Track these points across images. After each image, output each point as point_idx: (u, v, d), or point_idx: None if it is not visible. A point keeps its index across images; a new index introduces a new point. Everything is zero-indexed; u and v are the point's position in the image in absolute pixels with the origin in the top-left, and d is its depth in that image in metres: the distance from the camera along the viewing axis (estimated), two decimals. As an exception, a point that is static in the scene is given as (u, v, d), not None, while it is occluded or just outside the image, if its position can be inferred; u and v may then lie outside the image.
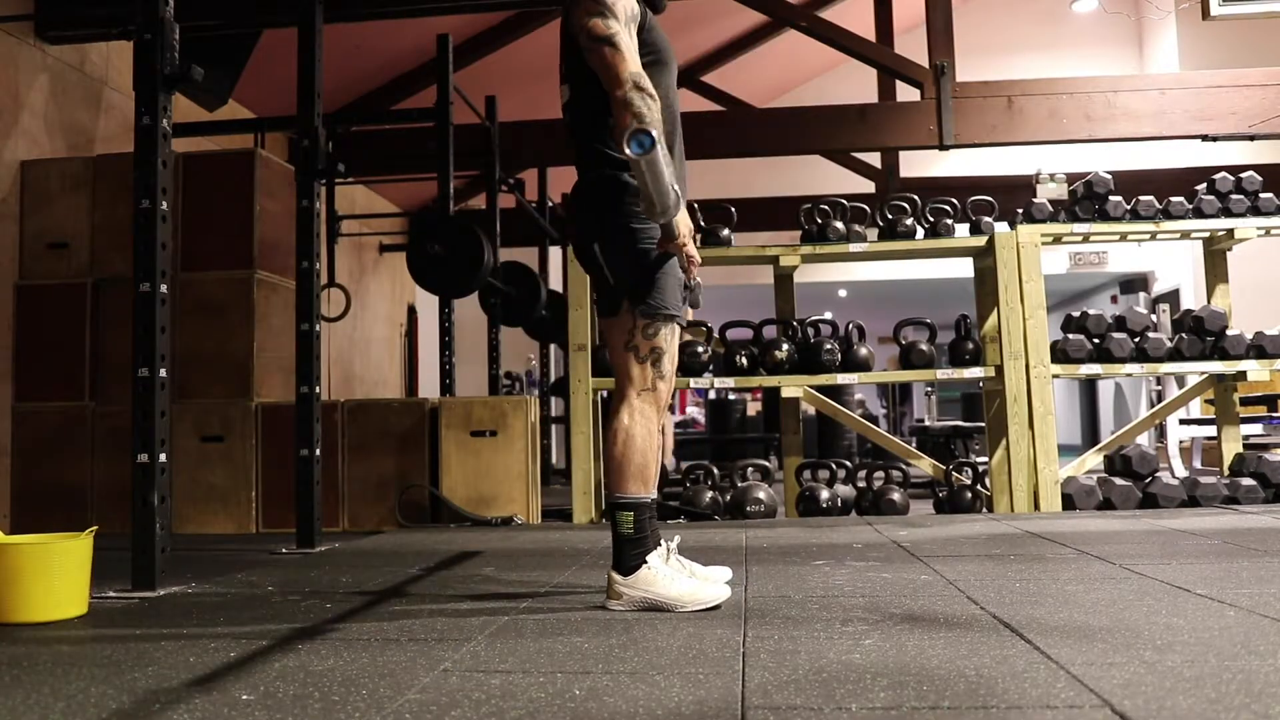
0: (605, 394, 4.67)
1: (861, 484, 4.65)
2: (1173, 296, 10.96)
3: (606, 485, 2.23)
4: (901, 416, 13.27)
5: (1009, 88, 5.61)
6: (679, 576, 2.18)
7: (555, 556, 3.09)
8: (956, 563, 2.75)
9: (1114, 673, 1.51)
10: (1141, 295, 11.73)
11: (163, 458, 2.62)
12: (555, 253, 8.19)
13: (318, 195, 3.66)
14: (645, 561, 2.14)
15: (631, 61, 2.11)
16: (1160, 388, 7.78)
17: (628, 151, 2.00)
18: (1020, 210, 4.73)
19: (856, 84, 8.83)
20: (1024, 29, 11.16)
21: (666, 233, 2.16)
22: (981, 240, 4.63)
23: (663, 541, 2.24)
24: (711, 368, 4.62)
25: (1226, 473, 4.59)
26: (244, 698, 1.50)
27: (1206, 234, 4.73)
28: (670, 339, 2.25)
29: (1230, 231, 4.61)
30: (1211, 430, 5.99)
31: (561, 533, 3.88)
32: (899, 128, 5.74)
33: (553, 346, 8.56)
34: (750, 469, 4.78)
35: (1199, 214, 4.64)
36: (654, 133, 2.00)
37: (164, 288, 2.67)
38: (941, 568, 2.66)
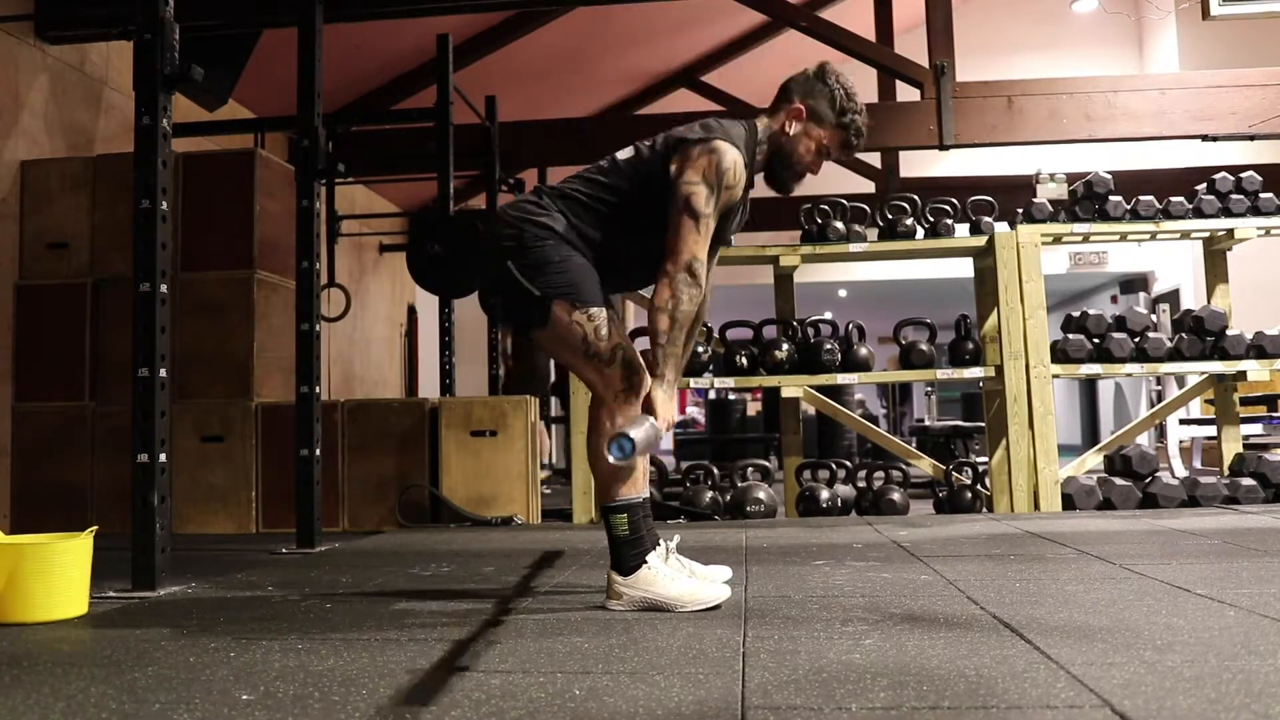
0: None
1: (861, 484, 4.65)
2: (1173, 296, 10.96)
3: (596, 492, 2.21)
4: (901, 416, 13.27)
5: (1009, 88, 5.61)
6: (679, 576, 2.18)
7: (555, 557, 3.09)
8: (956, 563, 2.75)
9: (1114, 673, 1.51)
10: (1141, 295, 11.73)
11: (163, 458, 2.62)
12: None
13: (318, 195, 3.66)
14: (645, 562, 2.14)
15: (701, 246, 2.15)
16: (1160, 388, 7.78)
17: (610, 458, 1.98)
18: (1020, 210, 4.73)
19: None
20: (1024, 29, 11.16)
21: None
22: (981, 240, 4.63)
23: (661, 541, 2.24)
24: (711, 368, 4.62)
25: (1226, 473, 4.59)
26: (244, 698, 1.50)
27: (1206, 234, 4.73)
28: (618, 328, 2.23)
29: (1230, 231, 4.61)
30: (1211, 430, 5.99)
31: (561, 533, 3.88)
32: (899, 128, 5.74)
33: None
34: (750, 469, 4.78)
35: (1199, 214, 4.64)
36: (632, 435, 1.96)
37: (164, 288, 2.66)
38: (941, 568, 2.66)
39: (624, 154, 2.31)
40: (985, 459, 4.81)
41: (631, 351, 2.22)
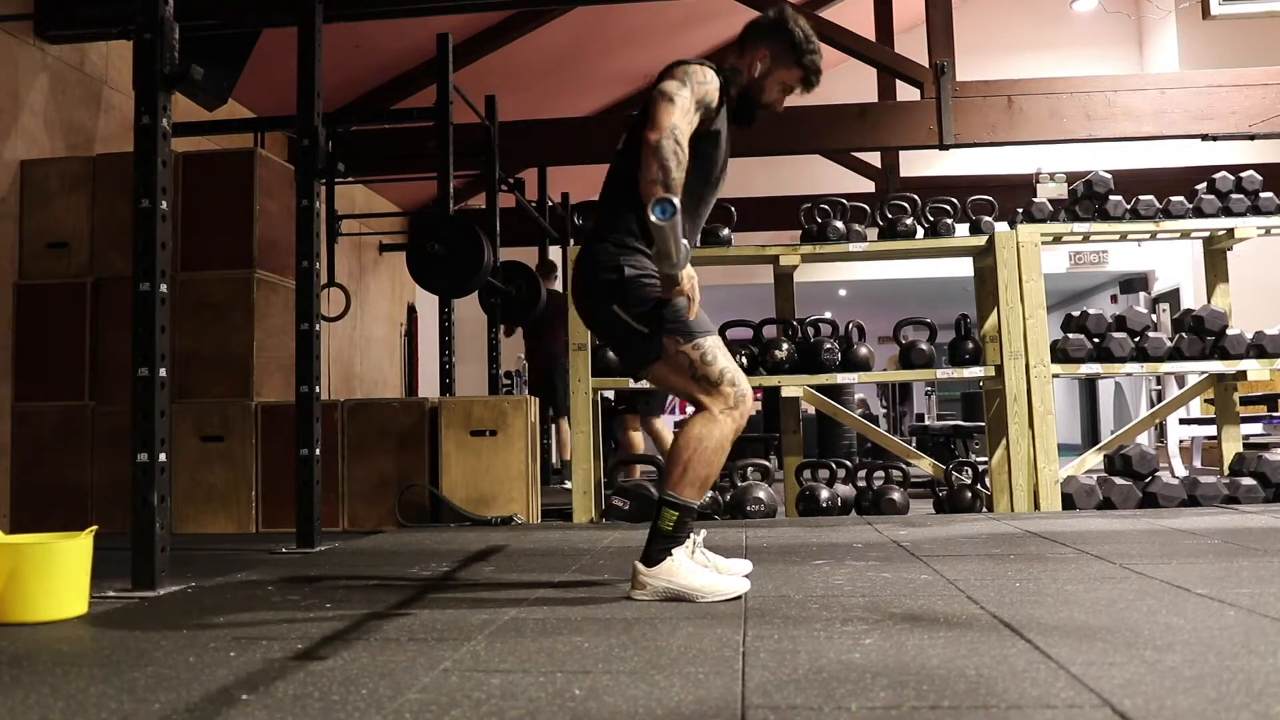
0: (605, 394, 4.64)
1: (861, 484, 4.65)
2: (1173, 296, 10.96)
3: (667, 478, 2.28)
4: (901, 416, 13.26)
5: (1009, 87, 5.61)
6: (700, 569, 2.27)
7: (555, 556, 3.09)
8: (956, 562, 2.75)
9: (1114, 672, 1.51)
10: (1141, 295, 11.73)
11: (163, 457, 2.62)
12: (555, 253, 8.20)
13: (317, 195, 3.66)
14: (670, 554, 2.24)
15: (678, 116, 2.20)
16: (1160, 387, 7.78)
17: (651, 217, 2.07)
18: (1020, 210, 4.73)
19: (856, 84, 8.83)
20: (1024, 29, 11.16)
21: (668, 282, 2.23)
22: (981, 240, 4.63)
23: (690, 535, 2.35)
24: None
25: (1226, 472, 4.59)
26: (244, 698, 1.50)
27: (1206, 233, 4.73)
28: (720, 350, 2.33)
29: (1230, 231, 4.60)
30: (1211, 430, 5.99)
31: (561, 532, 3.88)
32: (899, 127, 5.74)
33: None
34: (750, 469, 4.78)
35: (1199, 213, 4.64)
36: (675, 202, 2.07)
37: (164, 287, 2.66)
38: (941, 567, 2.66)
39: (620, 145, 2.41)
40: (985, 459, 4.81)
41: (737, 374, 2.33)
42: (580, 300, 2.41)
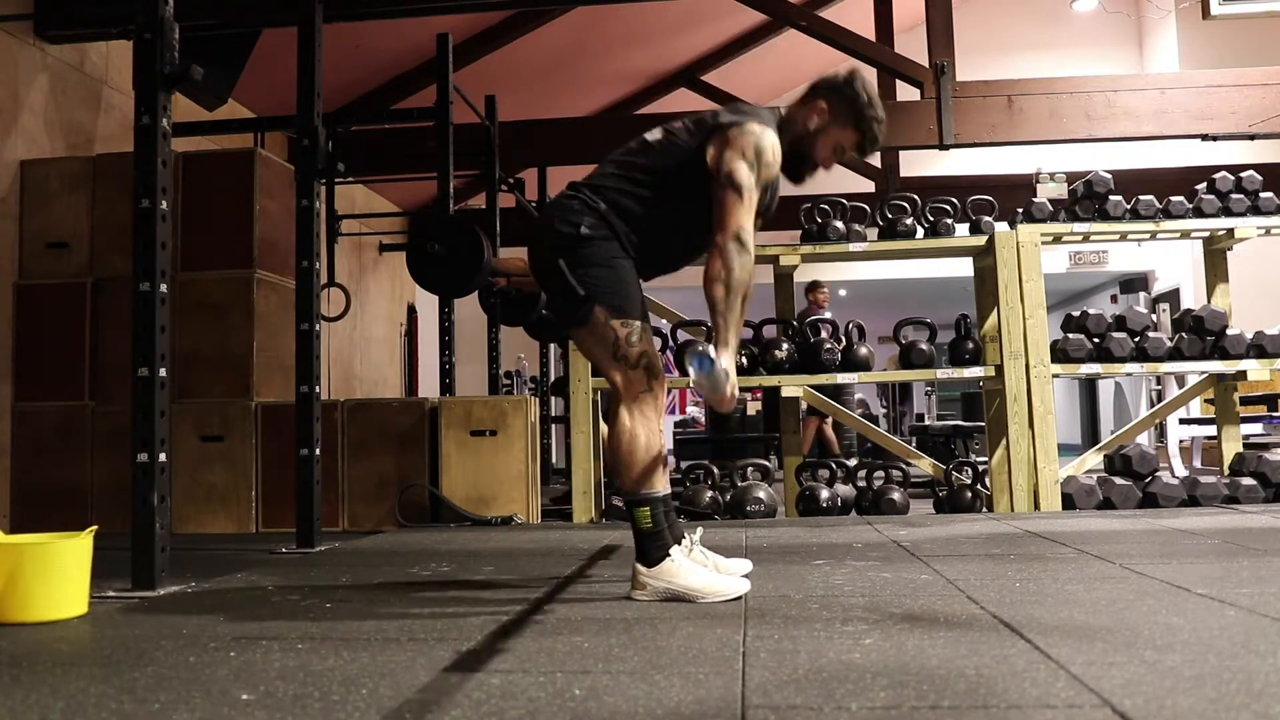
0: (603, 393, 4.65)
1: (861, 484, 4.65)
2: (1173, 296, 10.96)
3: (619, 486, 2.30)
4: (901, 416, 13.27)
5: (1009, 87, 5.60)
6: (700, 569, 2.28)
7: (555, 556, 3.09)
8: (956, 562, 2.75)
9: (1114, 672, 1.51)
10: (1141, 295, 11.73)
11: (163, 457, 2.62)
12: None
13: (317, 195, 3.66)
14: (668, 554, 2.24)
15: (747, 217, 2.25)
16: (1160, 387, 7.78)
17: (690, 370, 2.14)
18: (1020, 210, 4.73)
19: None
20: (1024, 29, 11.16)
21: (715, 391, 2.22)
22: (981, 240, 4.63)
23: (685, 535, 2.35)
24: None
25: (1226, 472, 4.59)
26: (244, 698, 1.50)
27: (1206, 233, 4.73)
28: (647, 337, 2.33)
29: (1230, 231, 4.60)
30: (1211, 430, 5.98)
31: (561, 532, 3.88)
32: (899, 127, 5.73)
33: (553, 346, 8.55)
34: (750, 468, 4.78)
35: (1199, 213, 4.64)
36: (713, 354, 2.14)
37: (164, 287, 2.66)
38: (941, 567, 2.66)
39: (653, 135, 2.41)
40: (985, 458, 4.81)
41: (654, 357, 2.33)
42: (534, 244, 2.40)
